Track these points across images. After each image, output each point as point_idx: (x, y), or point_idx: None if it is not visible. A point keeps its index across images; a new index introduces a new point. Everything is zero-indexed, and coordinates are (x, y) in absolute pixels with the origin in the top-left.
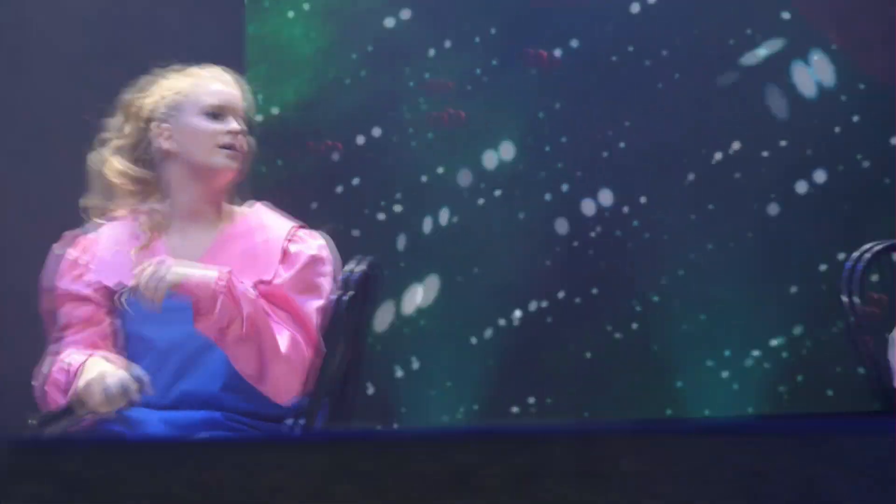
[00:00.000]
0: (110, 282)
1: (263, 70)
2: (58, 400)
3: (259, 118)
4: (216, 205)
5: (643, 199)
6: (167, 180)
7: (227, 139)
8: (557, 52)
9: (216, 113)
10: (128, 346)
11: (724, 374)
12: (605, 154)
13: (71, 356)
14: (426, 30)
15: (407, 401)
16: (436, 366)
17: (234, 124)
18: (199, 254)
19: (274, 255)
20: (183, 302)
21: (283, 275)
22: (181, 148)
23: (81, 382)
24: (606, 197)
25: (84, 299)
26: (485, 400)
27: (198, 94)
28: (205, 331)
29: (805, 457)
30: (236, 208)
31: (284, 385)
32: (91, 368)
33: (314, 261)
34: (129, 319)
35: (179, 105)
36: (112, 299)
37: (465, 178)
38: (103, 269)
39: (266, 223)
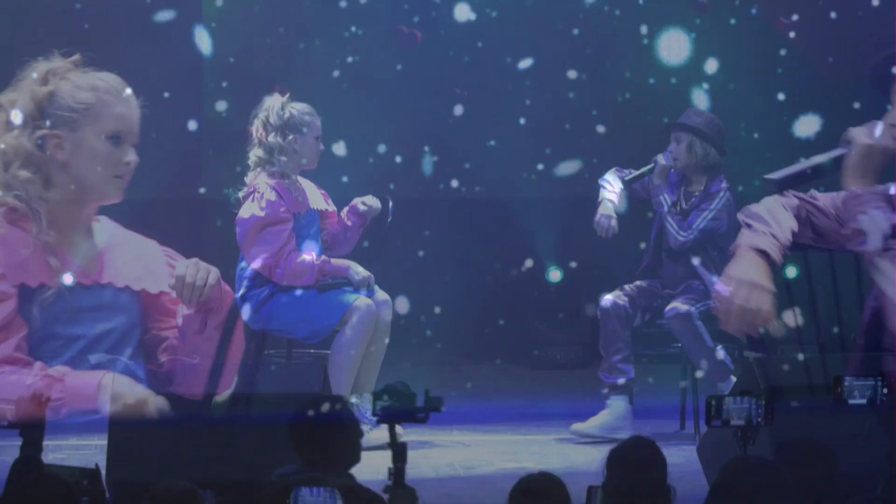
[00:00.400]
0: (34, 282)
1: None
2: (36, 412)
3: None
4: (91, 216)
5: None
6: (54, 186)
7: (123, 170)
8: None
9: (117, 138)
10: (42, 345)
11: None
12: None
13: (58, 369)
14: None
15: None
16: None
17: (131, 155)
18: (93, 260)
19: (164, 267)
20: (94, 301)
21: None
22: (75, 164)
23: (128, 400)
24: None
25: (5, 299)
26: None
27: (101, 114)
28: (210, 328)
29: None
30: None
31: (231, 376)
32: (129, 388)
33: None
34: (45, 318)
35: (80, 120)
36: (22, 301)
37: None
38: (15, 270)
39: (131, 236)
